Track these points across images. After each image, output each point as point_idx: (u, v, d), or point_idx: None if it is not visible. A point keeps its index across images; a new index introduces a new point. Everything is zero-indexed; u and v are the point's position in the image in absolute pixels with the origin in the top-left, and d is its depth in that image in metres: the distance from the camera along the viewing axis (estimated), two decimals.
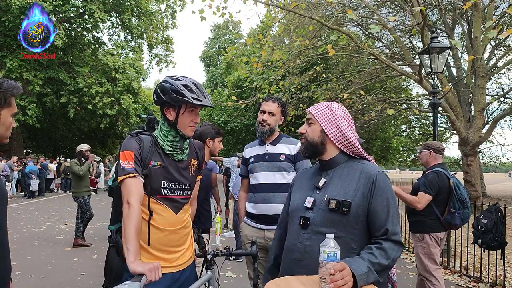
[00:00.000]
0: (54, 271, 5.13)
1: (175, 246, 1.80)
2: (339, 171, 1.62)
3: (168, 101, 1.73)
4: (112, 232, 1.78)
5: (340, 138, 1.61)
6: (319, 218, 1.56)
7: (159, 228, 1.74)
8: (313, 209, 1.59)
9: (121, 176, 1.65)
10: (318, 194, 1.61)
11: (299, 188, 1.74)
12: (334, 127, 1.61)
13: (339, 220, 1.52)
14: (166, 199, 1.77)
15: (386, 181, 1.56)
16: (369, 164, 1.62)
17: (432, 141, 3.77)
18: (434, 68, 5.94)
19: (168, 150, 1.79)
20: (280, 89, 10.74)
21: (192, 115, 1.77)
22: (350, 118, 1.65)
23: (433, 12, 13.95)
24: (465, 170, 11.94)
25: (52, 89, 19.56)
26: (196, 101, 1.70)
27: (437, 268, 3.48)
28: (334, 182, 1.60)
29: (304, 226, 1.59)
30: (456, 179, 3.53)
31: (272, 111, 2.64)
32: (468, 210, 3.46)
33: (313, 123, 1.64)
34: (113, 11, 20.25)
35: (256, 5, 8.11)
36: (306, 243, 1.57)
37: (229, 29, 43.33)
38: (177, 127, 1.77)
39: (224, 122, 23.31)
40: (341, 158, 1.64)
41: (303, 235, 1.59)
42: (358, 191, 1.54)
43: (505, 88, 16.65)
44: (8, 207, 1.67)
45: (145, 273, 1.43)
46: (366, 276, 1.36)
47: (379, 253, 1.45)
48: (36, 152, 30.43)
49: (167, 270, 1.74)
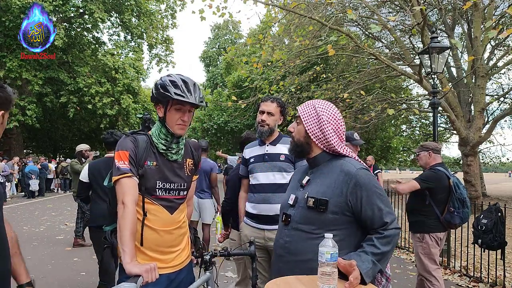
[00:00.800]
0: (54, 271, 5.13)
1: (171, 246, 1.79)
2: (321, 169, 1.65)
3: (158, 97, 1.74)
4: (107, 233, 1.76)
5: (321, 139, 1.63)
6: (298, 215, 1.60)
7: (153, 229, 1.72)
8: (294, 206, 1.63)
9: (116, 176, 1.64)
10: (300, 192, 1.65)
11: (290, 185, 1.80)
12: (316, 128, 1.62)
13: (317, 218, 1.55)
14: (161, 199, 1.76)
15: (367, 176, 1.57)
16: (350, 161, 1.62)
17: (429, 142, 3.79)
18: (434, 68, 5.94)
19: (162, 149, 1.77)
20: (280, 89, 10.74)
21: (179, 112, 1.73)
22: (336, 118, 1.64)
23: (433, 12, 13.95)
24: (465, 170, 11.95)
25: (52, 89, 19.57)
26: (178, 96, 1.65)
27: (436, 268, 3.48)
28: (315, 180, 1.63)
29: (286, 222, 1.63)
30: (456, 178, 3.53)
31: (271, 111, 2.64)
32: (468, 209, 3.46)
33: (300, 123, 1.67)
34: (113, 11, 20.26)
35: (256, 5, 8.12)
36: (286, 239, 1.61)
37: (229, 29, 43.35)
38: (166, 124, 1.76)
39: (224, 122, 23.30)
40: (324, 157, 1.66)
41: (284, 231, 1.63)
42: (336, 189, 1.55)
43: (505, 88, 16.66)
44: (8, 207, 1.68)
45: (141, 274, 1.42)
46: (372, 271, 1.40)
47: (380, 242, 1.47)
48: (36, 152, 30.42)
49: (162, 271, 1.73)
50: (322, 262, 1.34)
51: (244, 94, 16.20)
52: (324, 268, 1.32)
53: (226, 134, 24.66)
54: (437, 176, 3.47)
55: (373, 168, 8.74)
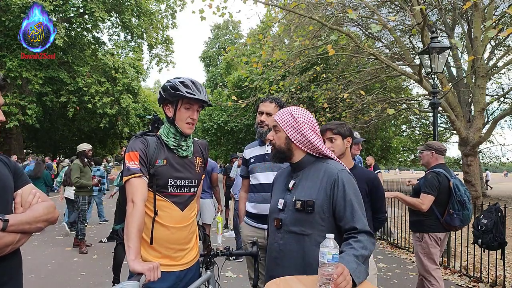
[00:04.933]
0: (54, 271, 5.13)
1: (182, 244, 1.82)
2: (306, 173, 1.71)
3: (167, 98, 1.80)
4: (119, 231, 1.81)
5: (304, 142, 1.70)
6: (289, 218, 1.66)
7: (165, 226, 1.76)
8: (284, 210, 1.69)
9: (126, 176, 1.69)
10: (288, 196, 1.71)
11: (275, 189, 1.85)
12: (297, 133, 1.69)
13: (305, 219, 1.62)
14: (172, 196, 1.80)
15: (347, 179, 1.63)
16: (333, 163, 1.70)
17: (434, 142, 3.77)
18: (434, 68, 5.94)
19: (172, 145, 1.82)
20: (280, 89, 10.74)
21: (188, 111, 1.81)
22: (312, 121, 1.73)
23: (433, 12, 13.94)
24: (465, 170, 11.95)
25: (52, 88, 19.55)
26: (190, 94, 1.75)
27: (436, 268, 3.48)
28: (302, 184, 1.69)
29: (278, 227, 1.69)
30: (458, 180, 3.53)
31: (270, 112, 2.65)
32: (468, 211, 3.45)
33: (279, 130, 1.73)
34: (113, 11, 20.23)
35: (256, 5, 8.12)
36: (280, 242, 1.68)
37: (229, 29, 43.36)
38: (175, 123, 1.82)
39: (224, 122, 23.29)
40: (308, 160, 1.73)
41: (277, 235, 1.70)
42: (321, 190, 1.62)
43: (505, 88, 16.66)
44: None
45: (144, 272, 1.44)
46: (358, 271, 1.41)
47: (358, 245, 1.51)
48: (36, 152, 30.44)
49: (172, 269, 1.76)
50: (323, 262, 1.34)
51: (244, 94, 16.20)
52: (325, 269, 1.32)
53: (226, 134, 24.66)
54: (439, 178, 3.46)
55: (373, 168, 8.71)
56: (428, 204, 3.44)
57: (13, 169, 1.42)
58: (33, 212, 1.36)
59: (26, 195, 1.39)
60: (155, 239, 1.74)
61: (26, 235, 1.33)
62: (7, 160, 1.43)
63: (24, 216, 1.32)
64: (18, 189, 1.40)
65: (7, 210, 1.33)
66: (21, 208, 1.36)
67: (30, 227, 1.33)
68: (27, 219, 1.32)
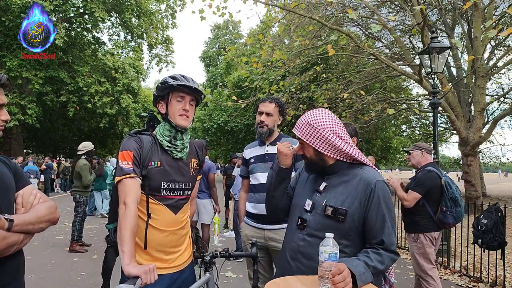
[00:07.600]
0: (54, 271, 5.13)
1: (174, 246, 1.79)
2: (339, 177, 1.64)
3: (159, 95, 1.80)
4: (110, 232, 1.77)
5: (331, 149, 1.61)
6: (315, 221, 1.59)
7: (158, 229, 1.73)
8: (311, 212, 1.62)
9: (119, 176, 1.65)
10: (318, 198, 1.63)
11: (301, 186, 1.76)
12: (323, 142, 1.60)
13: (334, 226, 1.54)
14: (166, 199, 1.76)
15: (385, 190, 1.57)
16: (370, 171, 1.62)
17: (422, 143, 3.85)
18: (434, 68, 5.94)
19: (166, 146, 1.79)
20: (280, 89, 10.73)
21: (180, 103, 1.78)
22: (332, 122, 1.61)
23: (433, 12, 13.93)
24: (465, 170, 11.94)
25: (52, 88, 19.56)
26: (178, 82, 1.74)
27: (432, 267, 3.50)
28: (333, 188, 1.62)
29: (301, 227, 1.63)
30: (449, 178, 3.57)
31: (269, 112, 2.64)
32: (461, 208, 3.48)
33: (304, 143, 1.66)
34: (113, 11, 20.23)
35: (256, 5, 8.12)
36: (299, 243, 1.61)
37: (229, 29, 43.36)
38: (169, 118, 1.79)
39: (224, 122, 23.29)
40: (341, 165, 1.65)
41: (298, 235, 1.63)
42: (355, 199, 1.55)
43: (505, 88, 16.64)
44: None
45: (140, 275, 1.41)
46: (364, 276, 1.38)
47: (375, 257, 1.47)
48: (36, 152, 30.45)
49: (165, 271, 1.74)
50: (321, 261, 1.34)
51: (244, 94, 16.19)
52: (322, 266, 1.33)
53: (226, 134, 24.65)
54: (429, 175, 3.50)
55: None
56: (412, 201, 3.49)
57: (14, 169, 1.42)
58: (36, 212, 1.35)
59: (27, 196, 1.38)
60: (148, 242, 1.70)
61: (29, 235, 1.33)
62: (7, 160, 1.43)
63: (28, 216, 1.32)
64: (19, 189, 1.40)
65: (10, 210, 1.33)
66: (23, 209, 1.35)
67: (34, 227, 1.32)
68: (31, 219, 1.32)
